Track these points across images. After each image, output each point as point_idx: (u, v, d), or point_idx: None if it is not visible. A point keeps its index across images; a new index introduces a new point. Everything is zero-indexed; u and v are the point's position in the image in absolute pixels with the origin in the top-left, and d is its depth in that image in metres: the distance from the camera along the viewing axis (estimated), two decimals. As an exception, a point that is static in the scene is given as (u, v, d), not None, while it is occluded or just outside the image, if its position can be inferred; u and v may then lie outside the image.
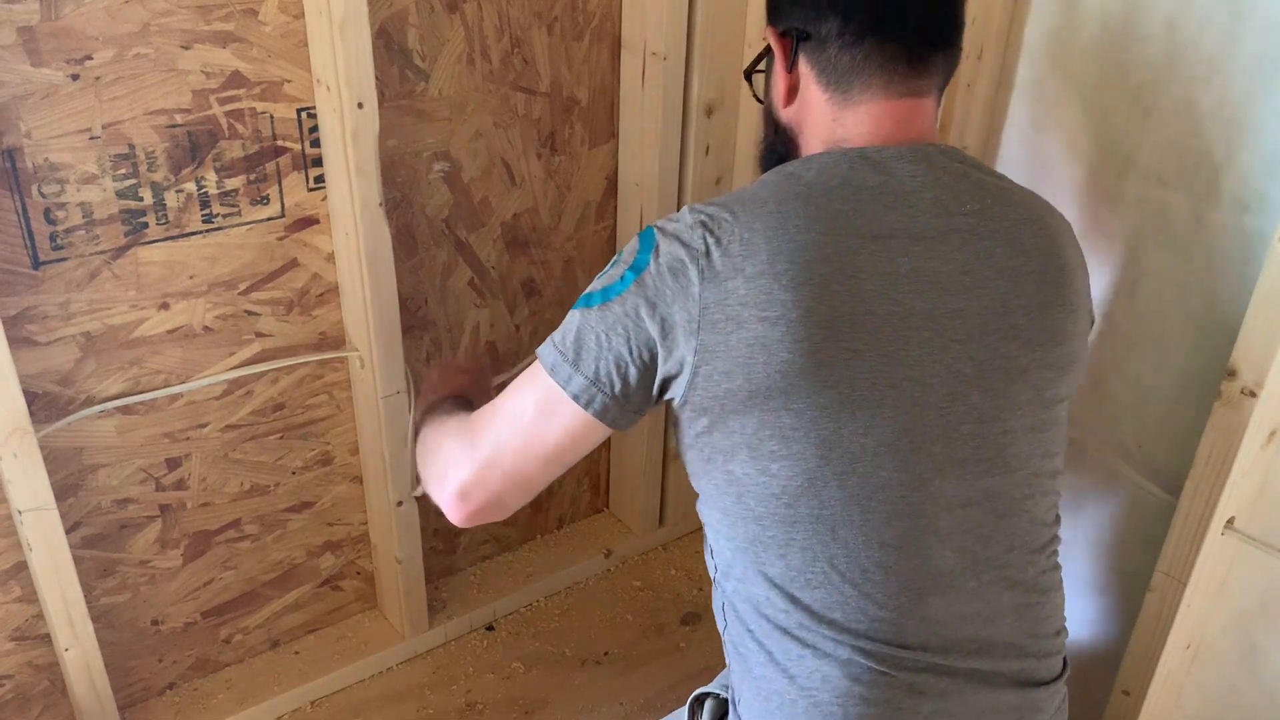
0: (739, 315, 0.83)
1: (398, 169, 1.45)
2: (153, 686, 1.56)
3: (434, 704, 1.63)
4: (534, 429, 0.93)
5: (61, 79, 1.16)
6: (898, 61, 0.91)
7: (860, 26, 0.90)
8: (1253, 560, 1.16)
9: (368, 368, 1.46)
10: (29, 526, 1.25)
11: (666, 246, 0.87)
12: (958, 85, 1.28)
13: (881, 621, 0.88)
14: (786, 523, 0.88)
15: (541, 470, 0.95)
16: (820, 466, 0.85)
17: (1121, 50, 1.17)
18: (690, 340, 0.85)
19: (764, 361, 0.83)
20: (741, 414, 0.86)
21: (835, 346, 0.83)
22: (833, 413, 0.84)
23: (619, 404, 0.90)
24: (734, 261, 0.84)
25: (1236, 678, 1.22)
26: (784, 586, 0.89)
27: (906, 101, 0.92)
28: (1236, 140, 1.09)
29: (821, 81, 0.94)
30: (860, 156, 0.89)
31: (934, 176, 0.89)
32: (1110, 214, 1.23)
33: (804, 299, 0.82)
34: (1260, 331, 1.05)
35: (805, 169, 0.90)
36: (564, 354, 0.90)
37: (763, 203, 0.87)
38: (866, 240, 0.85)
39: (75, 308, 1.27)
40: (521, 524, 1.91)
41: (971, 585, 0.90)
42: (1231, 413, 1.09)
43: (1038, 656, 0.95)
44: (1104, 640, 1.36)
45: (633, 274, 0.88)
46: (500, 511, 0.98)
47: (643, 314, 0.87)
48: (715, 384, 0.85)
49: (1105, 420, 1.29)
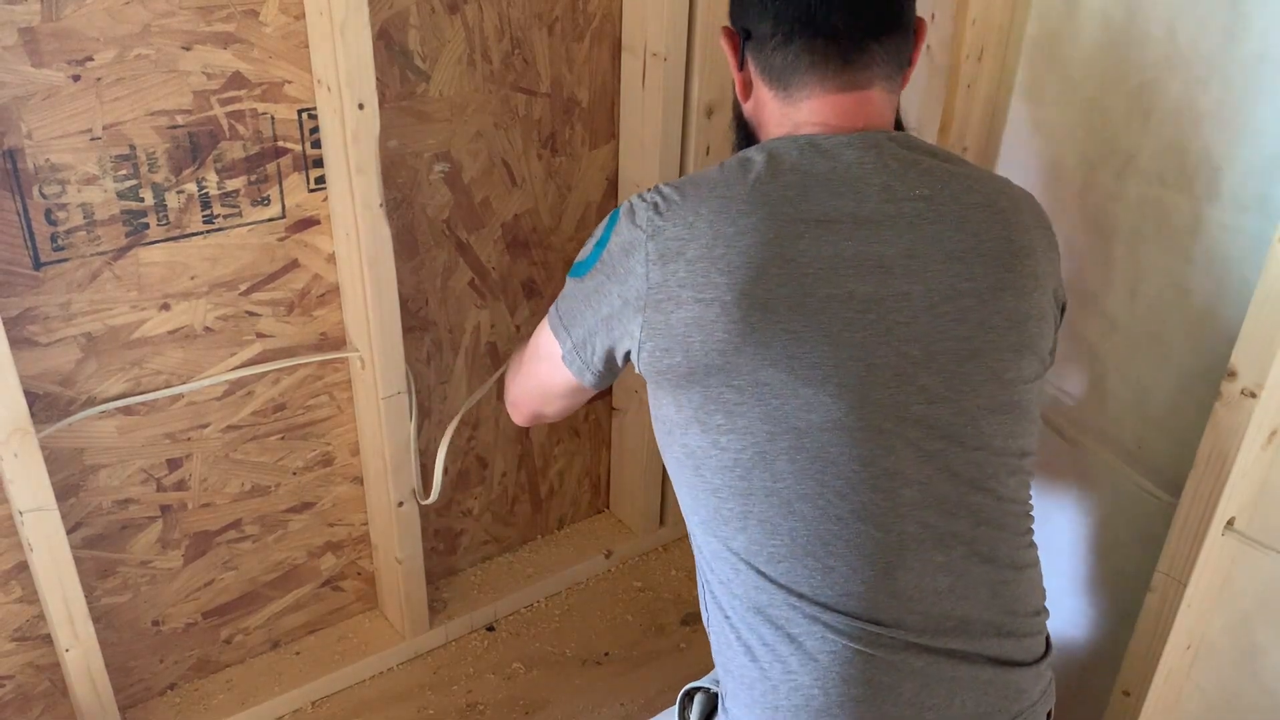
0: (678, 295, 0.88)
1: (398, 170, 1.45)
2: (153, 687, 1.56)
3: (434, 704, 1.63)
4: (547, 374, 1.06)
5: (62, 80, 1.16)
6: (830, 58, 0.93)
7: (789, 26, 0.93)
8: (1253, 560, 1.16)
9: (368, 368, 1.46)
10: (30, 527, 1.25)
11: (623, 225, 0.93)
12: (958, 86, 1.28)
13: (850, 595, 0.89)
14: (742, 495, 0.91)
15: (560, 399, 1.10)
16: (768, 441, 0.89)
17: (1122, 51, 1.17)
18: (637, 316, 0.90)
19: (701, 340, 0.87)
20: (687, 389, 0.91)
21: (773, 328, 0.86)
22: (775, 389, 0.87)
23: (590, 369, 0.99)
24: (677, 244, 0.88)
25: (1237, 678, 1.22)
26: (750, 560, 0.91)
27: (848, 95, 0.94)
28: (1236, 141, 1.09)
29: (765, 79, 0.97)
30: (809, 144, 0.92)
31: (883, 163, 0.91)
32: (1110, 214, 1.23)
33: (739, 282, 0.86)
34: (1260, 332, 1.05)
35: (758, 154, 0.93)
36: (561, 318, 1.00)
37: (713, 186, 0.91)
38: (810, 225, 0.88)
39: (76, 308, 1.27)
40: (522, 525, 1.91)
41: (939, 559, 0.91)
42: (1231, 413, 1.09)
43: (1017, 635, 0.96)
44: (1104, 640, 1.36)
45: (598, 249, 0.95)
46: (545, 420, 1.17)
47: (603, 288, 0.94)
48: (658, 359, 0.91)
49: (1105, 420, 1.29)
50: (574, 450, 1.91)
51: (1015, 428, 0.94)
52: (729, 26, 1.01)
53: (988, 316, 0.91)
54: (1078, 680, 1.41)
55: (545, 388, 1.09)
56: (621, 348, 0.94)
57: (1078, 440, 1.32)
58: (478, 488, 1.80)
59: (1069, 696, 1.41)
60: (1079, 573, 1.38)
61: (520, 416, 1.18)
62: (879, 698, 0.89)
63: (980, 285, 0.90)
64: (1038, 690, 0.98)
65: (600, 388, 1.02)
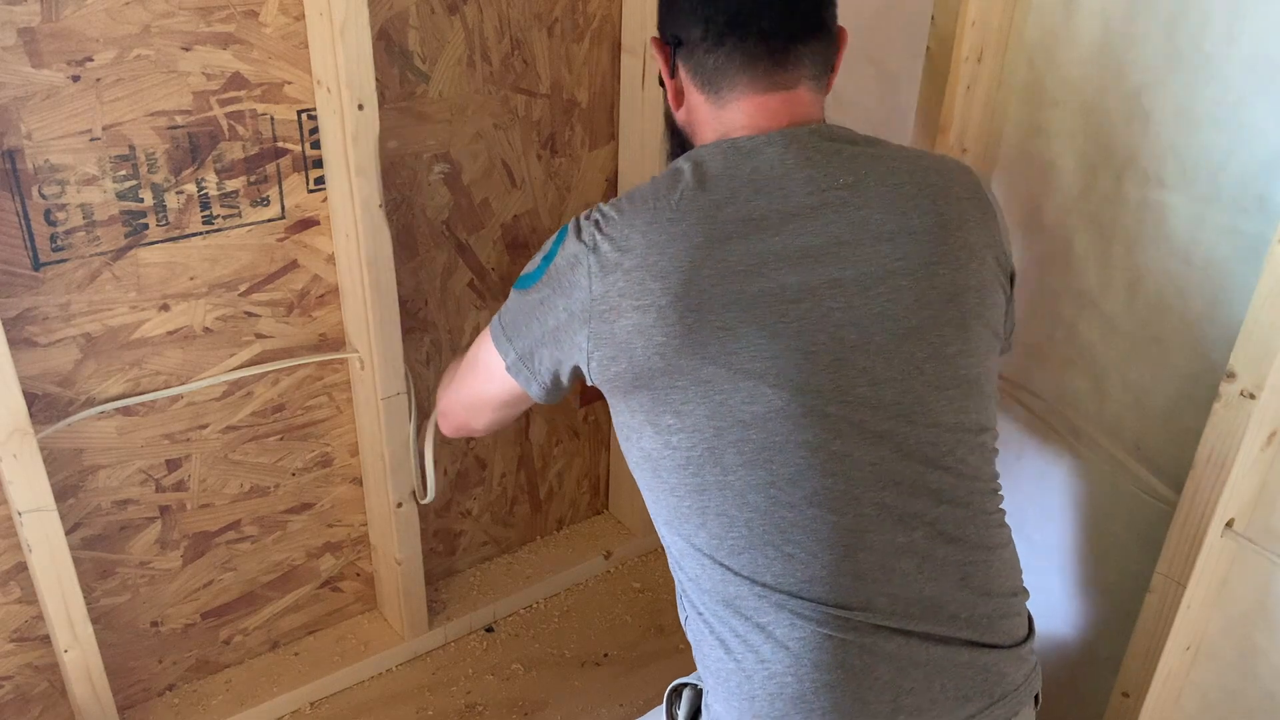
0: (619, 305, 0.91)
1: (398, 170, 1.45)
2: (152, 688, 1.56)
3: (434, 705, 1.63)
4: (482, 382, 1.09)
5: (62, 80, 1.16)
6: (758, 59, 0.96)
7: (720, 28, 0.96)
8: (1252, 562, 1.17)
9: (368, 369, 1.46)
10: (29, 527, 1.25)
11: (569, 242, 0.95)
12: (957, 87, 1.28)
13: (813, 581, 0.90)
14: (697, 491, 0.93)
15: (491, 412, 1.12)
16: (715, 436, 0.91)
17: (1121, 52, 1.17)
18: (583, 328, 0.93)
19: (642, 346, 0.90)
20: (635, 394, 0.94)
21: (708, 326, 0.89)
22: (716, 386, 0.90)
23: (537, 381, 1.01)
24: (616, 257, 0.91)
25: (1236, 679, 1.22)
26: (713, 555, 0.93)
27: (776, 95, 0.97)
28: (1236, 142, 1.09)
29: (696, 84, 1.00)
30: (732, 147, 0.95)
31: (805, 156, 0.94)
32: (1110, 215, 1.23)
33: (672, 286, 0.89)
34: (1259, 333, 1.05)
35: (685, 163, 0.96)
36: (505, 329, 1.02)
37: (644, 199, 0.94)
38: (738, 225, 0.91)
39: (75, 309, 1.27)
40: (521, 526, 1.91)
41: (901, 540, 0.92)
42: (1231, 414, 1.09)
43: (992, 617, 0.96)
44: (1104, 642, 1.36)
45: (545, 263, 0.97)
46: (472, 433, 1.20)
47: (549, 302, 0.96)
48: (606, 368, 0.93)
49: (1104, 421, 1.29)
50: (573, 451, 1.91)
51: (966, 403, 0.95)
52: (657, 37, 1.04)
53: (923, 293, 0.92)
54: (1077, 681, 1.41)
55: (481, 398, 1.11)
56: (569, 360, 0.96)
57: (1077, 441, 1.32)
58: (477, 489, 1.80)
59: (1068, 697, 1.41)
60: (1078, 573, 1.38)
61: (449, 426, 1.21)
62: (853, 681, 0.90)
63: (912, 263, 0.92)
64: (1020, 674, 0.98)
65: (547, 400, 1.03)
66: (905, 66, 1.43)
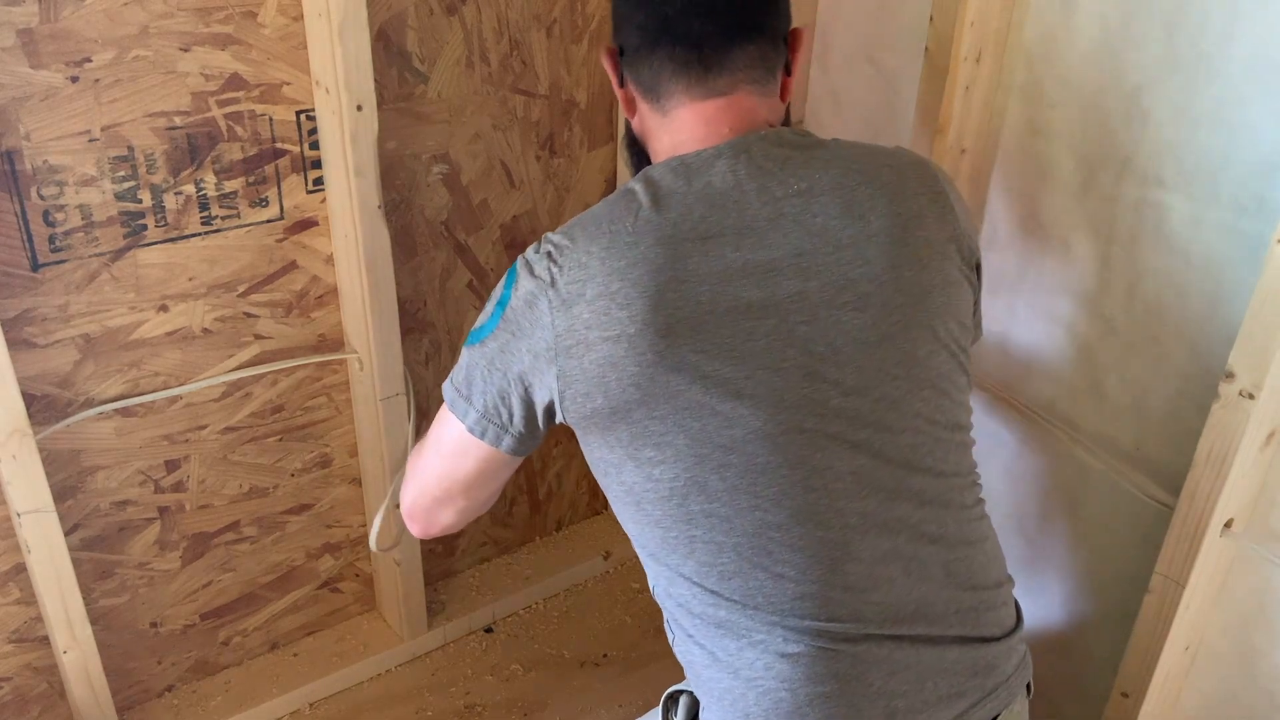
0: (586, 338, 0.87)
1: (397, 171, 1.45)
2: (151, 689, 1.56)
3: (433, 706, 1.63)
4: (447, 461, 1.01)
5: (61, 81, 1.16)
6: (690, 64, 0.94)
7: (652, 36, 0.94)
8: (1251, 562, 1.17)
9: (367, 370, 1.46)
10: (28, 528, 1.25)
11: (523, 280, 0.91)
12: (956, 87, 1.28)
13: (804, 598, 0.89)
14: (683, 521, 0.91)
15: (462, 495, 1.03)
16: (696, 464, 0.89)
17: (1119, 52, 1.17)
18: (551, 367, 0.89)
19: (616, 379, 0.87)
20: (613, 429, 0.90)
21: (679, 350, 0.86)
22: (694, 412, 0.87)
23: (510, 433, 0.95)
24: (576, 288, 0.88)
25: (1235, 680, 1.22)
26: (702, 583, 0.92)
27: (713, 102, 0.95)
28: (1234, 142, 1.09)
29: (639, 92, 0.99)
30: (680, 165, 0.92)
31: (756, 166, 0.91)
32: (1108, 216, 1.23)
33: (639, 313, 0.86)
34: (1258, 333, 1.05)
35: (637, 184, 0.92)
36: (459, 390, 0.96)
37: (598, 223, 0.90)
38: (696, 243, 0.88)
39: (74, 310, 1.27)
40: (520, 526, 1.91)
41: (885, 546, 0.91)
42: (1230, 414, 1.09)
43: (979, 610, 0.96)
44: (1103, 642, 1.36)
45: (499, 310, 0.93)
46: (443, 529, 1.08)
47: (510, 347, 0.91)
48: (580, 405, 0.90)
49: (1103, 422, 1.29)
50: (572, 452, 1.91)
51: (941, 402, 0.94)
52: (610, 46, 1.02)
53: (889, 298, 0.90)
54: (1076, 682, 1.41)
55: (453, 479, 1.02)
56: (540, 402, 0.92)
57: (1076, 441, 1.32)
58: (476, 489, 1.80)
59: (1067, 698, 1.41)
60: (1078, 574, 1.38)
61: (417, 527, 1.09)
62: (847, 691, 0.90)
63: (875, 268, 0.90)
64: (1011, 664, 0.98)
65: (522, 453, 0.98)
66: (904, 66, 1.43)
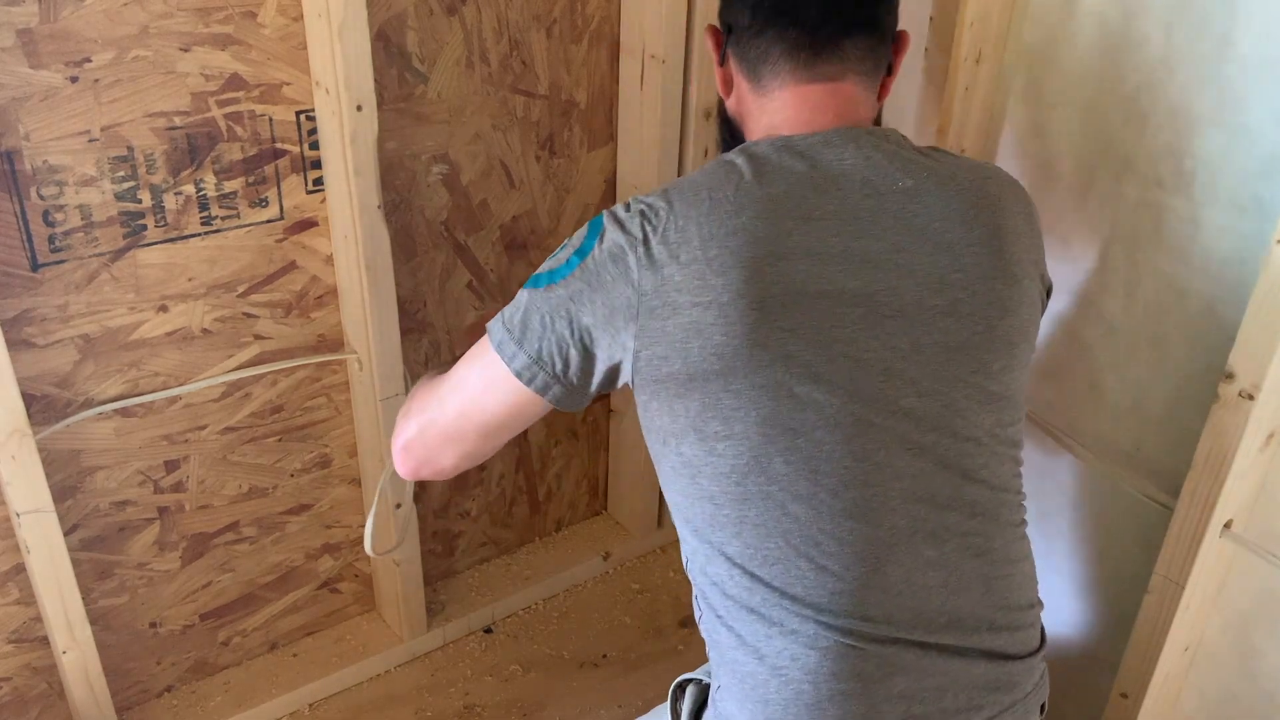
0: (675, 301, 0.86)
1: (396, 171, 1.45)
2: (151, 689, 1.56)
3: (432, 706, 1.63)
4: (474, 397, 0.98)
5: (60, 81, 1.16)
6: (800, 48, 0.95)
7: (764, 16, 0.95)
8: (1251, 563, 1.17)
9: (366, 370, 1.46)
10: (27, 529, 1.25)
11: (610, 233, 0.90)
12: (956, 88, 1.29)
13: (841, 594, 0.89)
14: (738, 500, 0.90)
15: (476, 437, 1.01)
16: (763, 444, 0.88)
17: (1119, 54, 1.17)
18: (630, 325, 0.88)
19: (699, 345, 0.86)
20: (684, 397, 0.89)
21: (769, 327, 0.86)
22: (770, 391, 0.87)
23: (560, 383, 0.93)
24: (670, 249, 0.87)
25: (1235, 680, 1.22)
26: (743, 565, 0.91)
27: (819, 86, 0.96)
28: (1234, 143, 1.09)
29: (742, 72, 0.99)
30: (786, 145, 0.92)
31: (864, 157, 0.92)
32: (1108, 217, 1.23)
33: (734, 282, 0.85)
34: (1258, 334, 1.05)
35: (738, 156, 0.92)
36: (510, 331, 0.94)
37: (697, 190, 0.90)
38: (798, 222, 0.88)
39: (74, 310, 1.27)
40: (520, 527, 1.91)
41: (930, 554, 0.91)
42: (1229, 415, 1.09)
43: (1010, 629, 0.95)
44: (1102, 643, 1.36)
45: (577, 258, 0.92)
46: (436, 471, 1.04)
47: (584, 298, 0.90)
48: (655, 368, 0.89)
49: (1103, 423, 1.29)
50: (572, 452, 1.91)
51: (1004, 416, 0.94)
52: (713, 25, 1.03)
53: (978, 307, 0.91)
54: (1075, 682, 1.41)
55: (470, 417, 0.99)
56: (605, 359, 0.91)
57: (1075, 443, 1.32)
58: (475, 490, 1.80)
59: (1067, 699, 1.41)
60: (1077, 575, 1.38)
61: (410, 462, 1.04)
62: (868, 692, 0.89)
63: (969, 275, 0.91)
64: (1030, 683, 0.98)
65: (565, 406, 0.95)
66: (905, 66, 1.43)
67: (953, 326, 0.90)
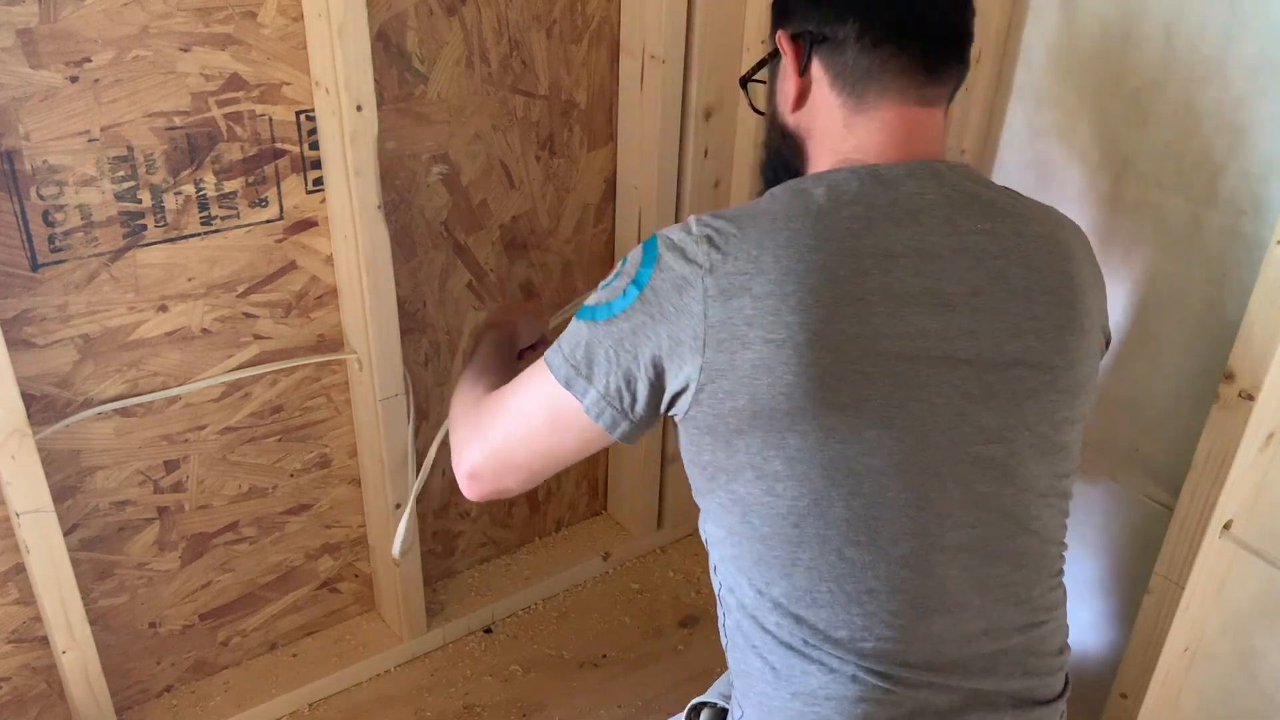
0: (745, 335, 0.82)
1: (396, 171, 1.45)
2: (150, 689, 1.56)
3: (432, 706, 1.63)
4: (544, 434, 0.94)
5: (60, 81, 1.16)
6: (915, 68, 0.90)
7: (881, 30, 0.90)
8: (1250, 563, 1.17)
9: (366, 370, 1.46)
10: (27, 528, 1.25)
11: (670, 260, 0.85)
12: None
13: (887, 640, 0.87)
14: (792, 543, 0.87)
15: (546, 467, 0.98)
16: (826, 488, 0.85)
17: (1119, 54, 1.17)
18: (696, 358, 0.84)
19: (769, 384, 0.82)
20: (746, 434, 0.85)
21: (844, 369, 0.82)
22: (839, 434, 0.83)
23: (628, 418, 0.89)
24: (741, 279, 0.82)
25: (1234, 680, 1.22)
26: (788, 606, 0.89)
27: (920, 110, 0.92)
28: (1234, 143, 1.10)
29: (836, 86, 0.93)
30: (871, 174, 0.88)
31: (945, 194, 0.88)
32: (1108, 217, 1.23)
33: (811, 322, 0.81)
34: (1258, 334, 1.05)
35: (815, 185, 0.88)
36: (576, 367, 0.89)
37: (772, 219, 0.85)
38: (878, 259, 0.84)
39: (73, 310, 1.27)
40: (520, 527, 1.91)
41: (976, 604, 0.89)
42: (1229, 415, 1.09)
43: (1040, 675, 0.94)
44: (1102, 643, 1.36)
45: (635, 289, 0.87)
46: (502, 494, 1.01)
47: (646, 330, 0.85)
48: (719, 402, 0.84)
49: (1103, 423, 1.29)
50: (572, 452, 1.91)
51: (1059, 468, 0.93)
52: (787, 31, 0.96)
53: (1048, 356, 0.88)
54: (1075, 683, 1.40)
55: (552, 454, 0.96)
56: (673, 387, 0.87)
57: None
58: (475, 490, 1.79)
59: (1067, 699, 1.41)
60: (1077, 576, 1.38)
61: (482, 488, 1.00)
62: None
63: (1043, 324, 0.88)
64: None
65: (631, 441, 0.91)
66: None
67: (1023, 374, 0.88)
